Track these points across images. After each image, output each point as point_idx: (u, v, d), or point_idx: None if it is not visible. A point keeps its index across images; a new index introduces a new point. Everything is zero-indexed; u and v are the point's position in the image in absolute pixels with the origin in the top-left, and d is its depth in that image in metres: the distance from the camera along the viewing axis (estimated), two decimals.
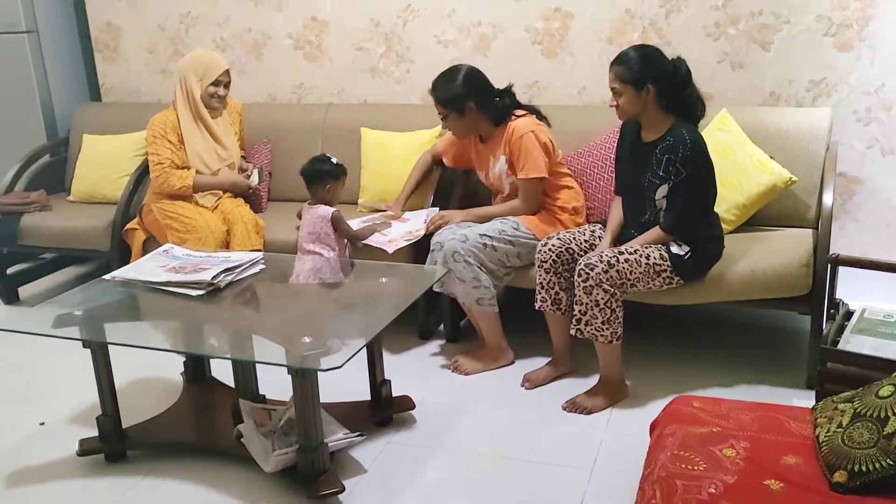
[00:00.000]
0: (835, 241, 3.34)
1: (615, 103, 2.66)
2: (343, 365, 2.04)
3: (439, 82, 3.06)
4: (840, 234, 3.37)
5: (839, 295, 2.62)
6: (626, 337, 2.70)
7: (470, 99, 3.00)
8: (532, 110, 3.11)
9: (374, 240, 3.14)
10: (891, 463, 1.61)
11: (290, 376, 2.17)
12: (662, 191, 2.65)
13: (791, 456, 1.77)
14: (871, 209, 3.37)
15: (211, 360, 2.87)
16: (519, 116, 3.04)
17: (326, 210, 3.06)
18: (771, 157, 3.04)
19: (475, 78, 3.05)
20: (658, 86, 2.59)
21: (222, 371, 2.81)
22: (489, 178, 3.16)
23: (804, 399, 2.50)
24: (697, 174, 2.60)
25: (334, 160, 3.12)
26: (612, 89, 2.65)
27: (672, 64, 2.63)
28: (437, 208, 3.27)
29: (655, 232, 2.69)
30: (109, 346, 2.43)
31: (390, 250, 3.06)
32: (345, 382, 2.58)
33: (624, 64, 2.61)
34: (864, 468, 1.63)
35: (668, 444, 1.87)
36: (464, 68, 3.06)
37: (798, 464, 1.74)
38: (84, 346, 2.40)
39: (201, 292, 2.50)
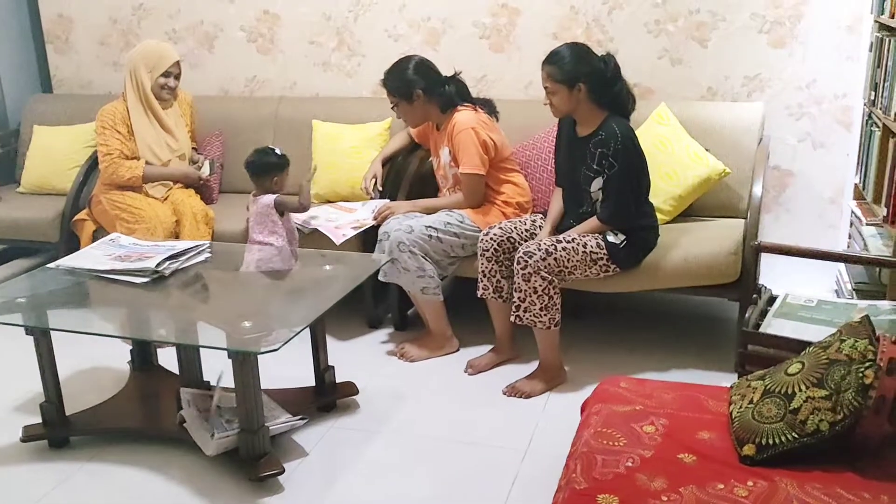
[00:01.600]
0: (769, 232, 3.46)
1: (548, 102, 2.73)
2: (281, 347, 2.08)
3: (390, 71, 3.14)
4: (774, 224, 3.48)
5: (770, 283, 2.70)
6: (565, 324, 2.78)
7: (417, 86, 3.07)
8: (483, 102, 3.17)
9: (323, 226, 3.18)
10: (796, 436, 1.69)
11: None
12: (597, 183, 2.72)
13: (706, 431, 1.85)
14: (802, 201, 3.49)
15: (158, 349, 2.89)
16: (464, 109, 3.10)
17: (269, 198, 3.09)
18: (707, 150, 3.14)
19: (423, 67, 3.12)
20: (589, 83, 2.66)
21: (170, 360, 2.83)
22: (440, 166, 3.22)
23: (731, 382, 2.59)
24: (629, 166, 2.68)
25: (278, 151, 3.15)
26: (546, 88, 2.70)
27: (602, 61, 2.69)
28: (386, 199, 3.32)
29: (593, 222, 2.76)
30: (54, 336, 2.43)
31: (338, 241, 3.11)
32: (291, 370, 2.63)
33: (555, 63, 2.67)
34: (770, 441, 1.71)
35: (592, 423, 1.95)
36: (414, 58, 3.14)
37: (711, 438, 1.82)
38: (27, 333, 2.41)
39: (146, 280, 2.52)
